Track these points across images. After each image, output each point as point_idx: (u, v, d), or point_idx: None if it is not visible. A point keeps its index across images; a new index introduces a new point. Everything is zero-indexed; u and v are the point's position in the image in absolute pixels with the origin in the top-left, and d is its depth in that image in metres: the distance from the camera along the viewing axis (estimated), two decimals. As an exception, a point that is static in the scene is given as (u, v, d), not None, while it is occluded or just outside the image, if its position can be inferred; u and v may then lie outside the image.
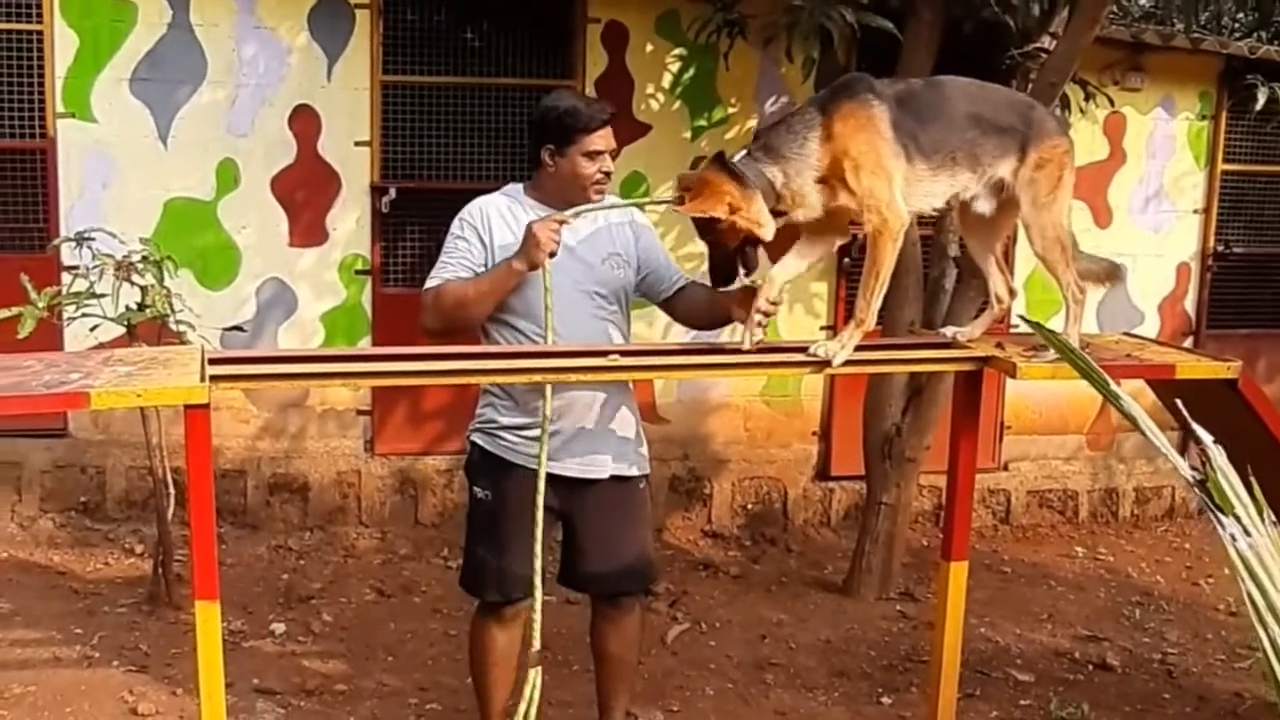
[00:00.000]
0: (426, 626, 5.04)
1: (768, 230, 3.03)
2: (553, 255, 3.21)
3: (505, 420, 3.44)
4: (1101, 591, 5.86)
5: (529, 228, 3.21)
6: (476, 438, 3.52)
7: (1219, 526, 1.42)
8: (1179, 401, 1.61)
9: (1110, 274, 3.50)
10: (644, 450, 3.63)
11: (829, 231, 3.20)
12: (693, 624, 5.16)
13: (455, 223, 3.46)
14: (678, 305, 3.61)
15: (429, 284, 3.40)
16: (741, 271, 3.13)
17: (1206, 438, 1.44)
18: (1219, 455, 1.42)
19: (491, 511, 3.48)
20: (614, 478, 3.51)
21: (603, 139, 3.38)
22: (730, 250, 3.07)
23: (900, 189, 3.05)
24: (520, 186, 3.52)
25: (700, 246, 3.25)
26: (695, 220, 3.05)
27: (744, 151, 3.09)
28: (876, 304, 3.11)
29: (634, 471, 3.57)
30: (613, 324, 3.48)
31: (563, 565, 3.67)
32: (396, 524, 6.15)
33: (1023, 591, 5.81)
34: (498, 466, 3.46)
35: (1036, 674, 4.78)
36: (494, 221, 3.41)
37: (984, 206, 3.25)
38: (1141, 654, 5.05)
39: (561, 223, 3.23)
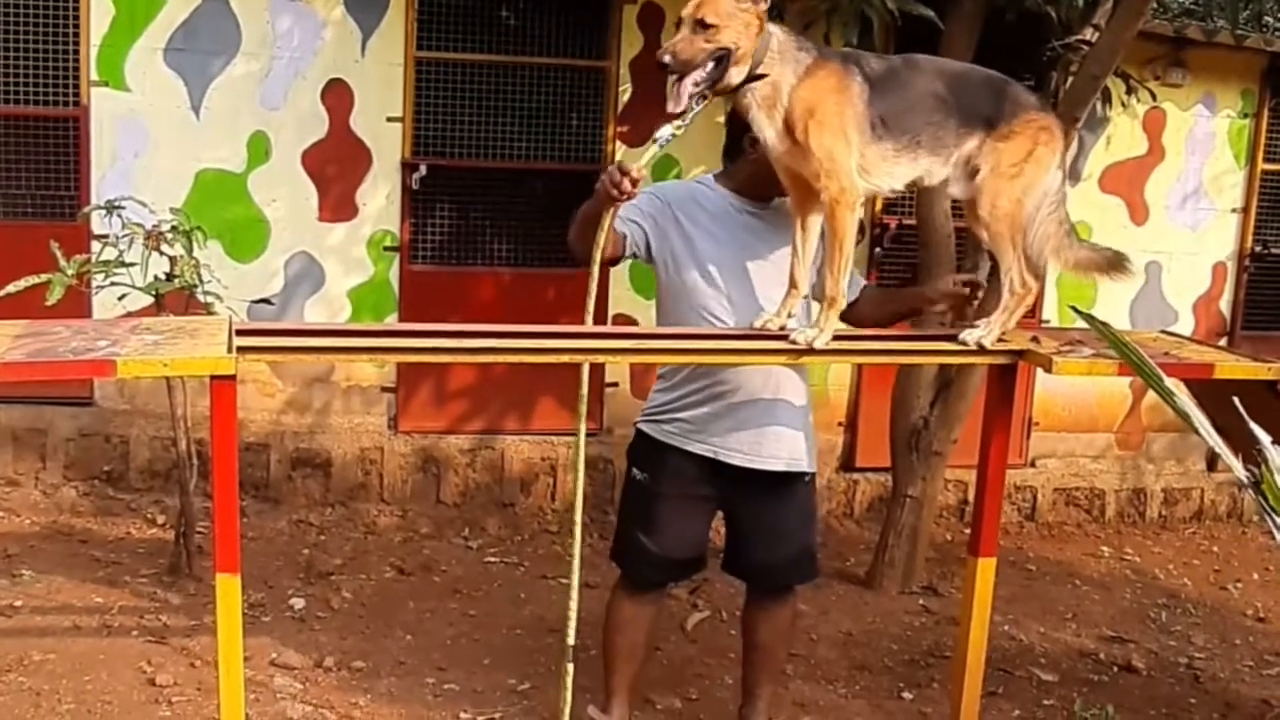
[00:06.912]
0: (445, 606, 5.03)
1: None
2: (619, 199, 3.05)
3: (658, 401, 3.50)
4: (1127, 592, 5.81)
5: (610, 166, 3.10)
6: (641, 424, 3.57)
7: (1274, 529, 1.37)
8: (1236, 400, 1.56)
9: (1114, 264, 3.26)
10: (814, 445, 3.59)
11: (806, 204, 3.14)
12: (713, 612, 5.11)
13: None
14: (853, 311, 3.45)
15: None
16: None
17: (1265, 438, 1.39)
18: (1276, 455, 1.37)
19: (648, 494, 3.53)
20: (784, 473, 3.49)
21: None
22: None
23: (858, 163, 2.99)
24: (713, 175, 3.55)
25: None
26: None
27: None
28: (844, 279, 3.06)
29: (804, 468, 3.54)
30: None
31: (727, 554, 3.69)
32: (418, 502, 6.14)
33: (1047, 590, 5.75)
34: (655, 449, 3.51)
35: (1060, 674, 4.73)
36: (674, 194, 3.43)
37: (959, 190, 3.17)
38: (1167, 657, 4.99)
39: (634, 181, 3.03)
